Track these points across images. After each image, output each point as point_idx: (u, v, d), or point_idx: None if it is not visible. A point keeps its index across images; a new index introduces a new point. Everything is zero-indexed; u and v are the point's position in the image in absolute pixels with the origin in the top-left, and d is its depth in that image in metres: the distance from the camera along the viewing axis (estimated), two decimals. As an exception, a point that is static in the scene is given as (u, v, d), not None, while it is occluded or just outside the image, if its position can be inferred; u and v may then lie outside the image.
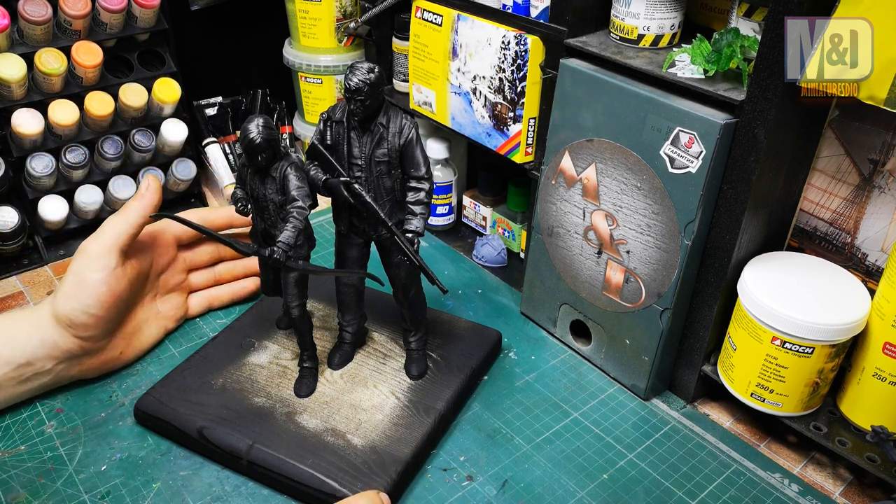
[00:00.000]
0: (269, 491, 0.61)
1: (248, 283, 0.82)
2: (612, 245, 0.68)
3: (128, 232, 0.67)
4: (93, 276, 0.65)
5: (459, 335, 0.74)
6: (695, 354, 0.69)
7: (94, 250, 0.66)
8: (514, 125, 0.76)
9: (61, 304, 0.64)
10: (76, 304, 0.64)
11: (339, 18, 1.00)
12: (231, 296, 0.81)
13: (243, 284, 0.81)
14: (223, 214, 0.78)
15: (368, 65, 0.57)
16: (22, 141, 0.85)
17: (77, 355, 0.66)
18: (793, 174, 0.63)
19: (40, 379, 0.65)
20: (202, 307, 0.79)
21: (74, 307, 0.64)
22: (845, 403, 0.64)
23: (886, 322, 0.58)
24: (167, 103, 0.92)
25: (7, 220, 0.84)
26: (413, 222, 0.61)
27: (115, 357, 0.70)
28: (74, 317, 0.64)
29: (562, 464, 0.64)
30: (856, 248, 0.64)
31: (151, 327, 0.74)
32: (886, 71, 0.51)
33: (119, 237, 0.67)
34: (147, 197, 0.69)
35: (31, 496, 0.59)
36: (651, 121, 0.61)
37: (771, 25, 0.54)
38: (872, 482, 0.63)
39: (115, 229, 0.67)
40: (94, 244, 0.66)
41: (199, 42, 1.08)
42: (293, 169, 0.60)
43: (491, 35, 0.75)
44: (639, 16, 0.65)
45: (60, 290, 0.65)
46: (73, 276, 0.65)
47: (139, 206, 0.68)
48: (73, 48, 0.85)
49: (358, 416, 0.65)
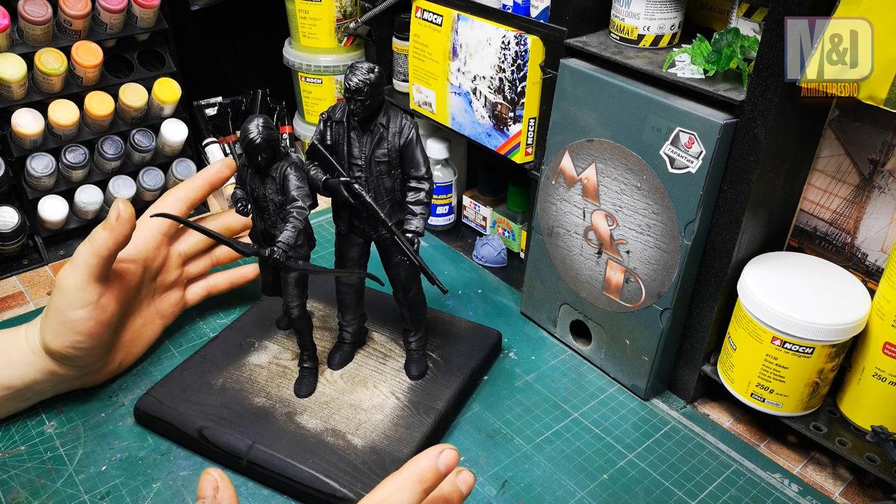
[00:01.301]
0: (269, 491, 0.61)
1: (246, 271, 0.80)
2: (612, 245, 0.68)
3: (98, 263, 0.63)
4: (76, 315, 0.62)
5: (459, 335, 0.74)
6: (695, 354, 0.69)
7: (72, 286, 0.62)
8: (514, 125, 0.76)
9: (50, 341, 0.62)
10: (64, 342, 0.62)
11: (339, 18, 1.00)
12: (229, 282, 0.80)
13: (242, 272, 0.80)
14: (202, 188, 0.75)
15: (368, 65, 0.57)
16: (22, 141, 0.85)
17: (77, 376, 0.66)
18: (793, 174, 0.63)
19: (42, 396, 0.66)
20: (200, 296, 0.78)
21: (63, 344, 0.62)
22: (845, 403, 0.64)
23: (886, 322, 0.58)
24: (167, 103, 0.92)
25: (7, 220, 0.84)
26: (413, 222, 0.61)
27: (115, 368, 0.70)
28: (66, 353, 0.63)
29: (562, 464, 0.64)
30: (856, 248, 0.64)
31: (149, 329, 0.73)
32: (886, 71, 0.51)
33: (92, 269, 0.62)
34: (118, 230, 0.63)
35: (31, 496, 0.59)
36: (651, 121, 0.61)
37: (771, 25, 0.54)
38: (872, 482, 0.63)
39: (87, 262, 0.62)
40: (69, 280, 0.62)
41: (199, 42, 1.08)
42: (293, 169, 0.60)
43: (491, 35, 0.75)
44: (639, 16, 0.65)
45: (47, 327, 0.63)
46: (56, 314, 0.62)
47: (109, 237, 0.62)
48: (73, 48, 0.85)
49: (358, 416, 0.65)
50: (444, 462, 0.43)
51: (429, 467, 0.42)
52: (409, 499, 0.41)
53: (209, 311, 0.81)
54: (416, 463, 0.43)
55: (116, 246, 0.63)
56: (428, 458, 0.43)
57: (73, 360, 0.64)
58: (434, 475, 0.42)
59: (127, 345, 0.70)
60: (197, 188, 0.73)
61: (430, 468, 0.42)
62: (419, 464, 0.43)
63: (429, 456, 0.43)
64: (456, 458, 0.43)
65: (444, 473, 0.43)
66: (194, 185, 0.73)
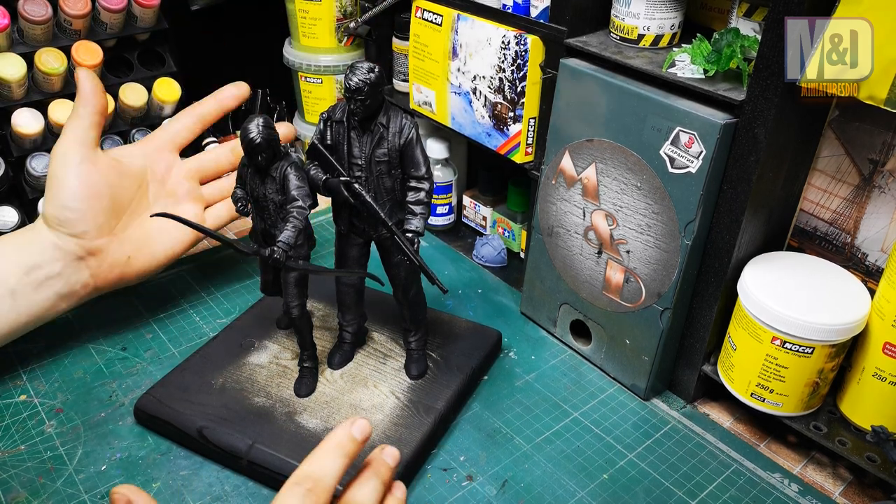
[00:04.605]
0: (269, 491, 0.61)
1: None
2: (612, 245, 0.68)
3: (82, 129, 0.70)
4: (61, 172, 0.68)
5: (459, 335, 0.74)
6: (695, 354, 0.69)
7: (58, 150, 0.69)
8: (514, 125, 0.76)
9: (46, 207, 0.68)
10: (56, 202, 0.68)
11: (339, 18, 1.00)
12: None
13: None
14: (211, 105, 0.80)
15: (368, 65, 0.57)
16: (22, 141, 0.85)
17: (80, 255, 0.69)
18: (793, 174, 0.63)
19: (54, 285, 0.67)
20: (222, 220, 0.80)
21: (56, 205, 0.68)
22: (845, 403, 0.64)
23: (886, 322, 0.58)
24: (167, 103, 0.92)
25: (7, 220, 0.84)
26: (413, 222, 0.61)
27: (122, 261, 0.72)
28: (59, 213, 0.67)
29: (562, 464, 0.64)
30: (856, 248, 0.64)
31: (165, 238, 0.75)
32: (886, 71, 0.51)
33: (75, 132, 0.69)
34: (84, 87, 0.70)
35: (31, 496, 0.59)
36: (651, 121, 0.61)
37: (771, 25, 0.54)
38: (872, 482, 0.63)
39: (69, 125, 0.70)
40: (58, 146, 0.69)
41: (199, 42, 1.08)
42: (293, 169, 0.60)
43: (491, 35, 0.75)
44: (639, 16, 0.65)
45: (45, 196, 0.69)
46: (48, 179, 0.69)
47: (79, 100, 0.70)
48: (73, 48, 0.85)
49: (358, 415, 0.65)
50: (359, 429, 0.48)
51: (344, 435, 0.48)
52: (331, 464, 0.47)
53: (209, 311, 0.81)
54: (332, 434, 0.48)
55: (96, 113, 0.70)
56: (342, 427, 0.48)
57: (66, 225, 0.68)
58: (351, 441, 0.48)
59: (136, 241, 0.73)
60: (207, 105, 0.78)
61: (345, 435, 0.48)
62: (335, 434, 0.48)
63: (343, 426, 0.48)
64: (368, 426, 0.49)
65: (360, 440, 0.48)
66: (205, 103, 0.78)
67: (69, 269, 0.68)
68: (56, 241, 0.67)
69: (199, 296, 0.83)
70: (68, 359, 0.73)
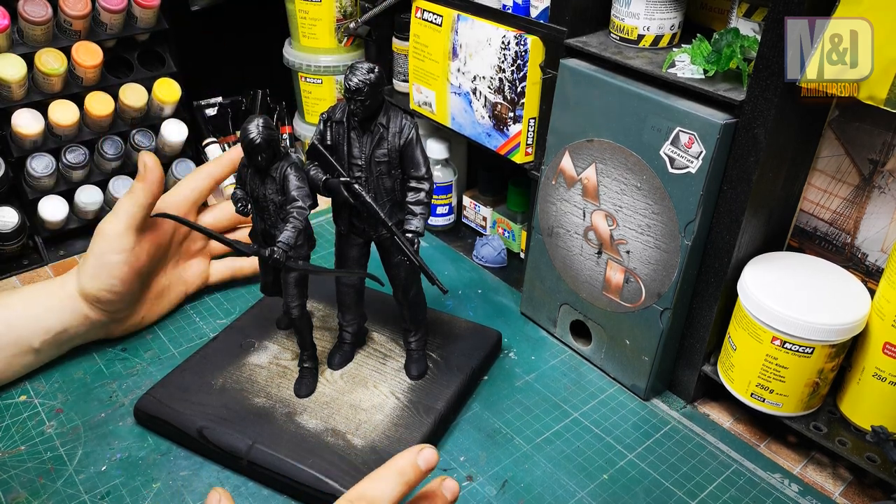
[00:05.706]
0: (269, 491, 0.61)
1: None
2: (612, 245, 0.68)
3: (138, 213, 0.71)
4: (113, 258, 0.69)
5: (459, 335, 0.74)
6: (695, 354, 0.69)
7: (112, 232, 0.70)
8: (514, 125, 0.76)
9: (87, 283, 0.69)
10: (100, 284, 0.69)
11: (339, 18, 1.00)
12: (254, 268, 0.84)
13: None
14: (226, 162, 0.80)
15: (368, 65, 0.57)
16: (22, 141, 0.85)
17: (105, 322, 0.72)
18: (793, 174, 0.63)
19: (73, 342, 0.72)
20: (223, 274, 0.83)
21: (99, 287, 0.69)
22: (845, 403, 0.64)
23: (886, 322, 0.58)
24: (167, 103, 0.92)
25: (7, 220, 0.84)
26: (413, 222, 0.61)
27: (137, 321, 0.76)
28: (100, 295, 0.69)
29: (562, 464, 0.64)
30: (856, 248, 0.64)
31: (173, 292, 0.79)
32: (886, 71, 0.51)
33: (132, 218, 0.70)
34: (149, 176, 0.71)
35: (31, 496, 0.59)
36: (651, 121, 0.61)
37: (771, 25, 0.54)
38: (872, 482, 0.63)
39: (127, 210, 0.70)
40: (110, 226, 0.70)
41: (199, 42, 1.08)
42: (293, 169, 0.60)
43: (491, 35, 0.75)
44: (639, 16, 0.65)
45: (84, 271, 0.69)
46: (94, 258, 0.69)
47: (145, 186, 0.71)
48: (73, 48, 0.85)
49: (358, 416, 0.65)
50: (424, 459, 0.45)
51: (408, 462, 0.44)
52: (389, 489, 0.43)
53: (209, 311, 0.81)
54: (396, 458, 0.45)
55: (152, 195, 0.71)
56: (409, 453, 0.45)
57: (105, 304, 0.70)
58: (414, 470, 0.44)
59: (151, 301, 0.76)
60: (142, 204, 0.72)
61: (409, 463, 0.44)
62: (399, 459, 0.45)
63: (410, 452, 0.45)
64: (435, 457, 0.45)
65: (423, 470, 0.45)
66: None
67: (92, 332, 0.72)
68: (89, 313, 0.70)
69: (199, 296, 0.83)
70: (68, 359, 0.73)
